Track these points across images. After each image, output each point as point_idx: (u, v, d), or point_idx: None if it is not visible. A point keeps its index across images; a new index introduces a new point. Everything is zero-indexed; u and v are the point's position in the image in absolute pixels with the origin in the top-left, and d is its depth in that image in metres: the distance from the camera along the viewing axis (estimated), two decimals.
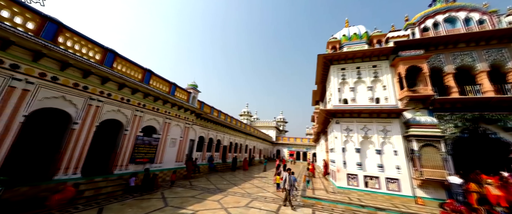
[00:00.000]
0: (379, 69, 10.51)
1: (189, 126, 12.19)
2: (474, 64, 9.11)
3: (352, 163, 9.46)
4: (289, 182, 6.93)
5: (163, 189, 8.40)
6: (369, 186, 8.87)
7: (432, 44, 9.84)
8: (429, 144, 8.17)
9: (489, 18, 9.45)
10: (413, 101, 9.19)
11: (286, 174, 7.16)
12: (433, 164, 7.92)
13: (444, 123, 8.66)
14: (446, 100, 8.68)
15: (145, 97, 8.95)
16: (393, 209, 6.96)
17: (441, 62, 9.58)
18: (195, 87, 12.33)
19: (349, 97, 10.67)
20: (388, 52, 10.31)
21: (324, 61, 11.90)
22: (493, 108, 8.22)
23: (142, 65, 8.68)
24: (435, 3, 11.18)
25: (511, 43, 8.86)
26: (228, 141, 19.23)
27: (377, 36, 10.95)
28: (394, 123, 9.30)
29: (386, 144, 9.19)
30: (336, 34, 13.08)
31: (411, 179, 8.37)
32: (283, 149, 40.34)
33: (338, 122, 10.36)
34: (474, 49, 9.28)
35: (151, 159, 9.30)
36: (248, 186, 10.24)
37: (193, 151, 13.60)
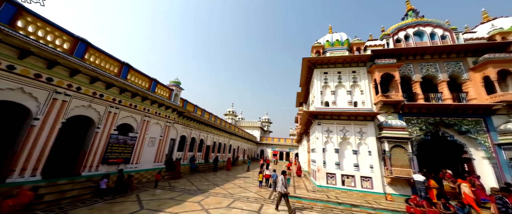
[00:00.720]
0: (357, 75, 11.22)
1: (170, 124, 11.66)
2: (436, 75, 10.24)
3: (331, 162, 9.94)
4: (285, 185, 6.44)
5: (139, 191, 7.89)
6: (346, 184, 9.40)
7: (403, 54, 10.82)
8: (398, 145, 8.95)
9: (450, 34, 10.71)
10: (386, 106, 9.99)
11: (281, 177, 6.59)
12: (401, 163, 8.69)
13: (411, 126, 9.57)
14: (413, 105, 9.61)
15: (122, 93, 8.33)
16: (366, 205, 7.48)
17: (410, 71, 10.59)
18: (177, 84, 11.83)
19: (330, 100, 11.20)
20: (366, 60, 11.06)
21: (308, 65, 12.33)
22: (451, 113, 9.33)
23: (119, 58, 8.05)
24: (407, 17, 12.32)
25: (466, 57, 10.15)
26: (212, 140, 18.83)
27: (357, 44, 11.69)
28: (369, 125, 10.01)
29: (362, 145, 9.84)
30: (320, 39, 13.65)
31: (382, 177, 9.08)
32: (267, 149, 40.83)
33: (319, 123, 10.80)
34: (437, 61, 10.44)
35: (126, 159, 8.67)
36: (231, 186, 10.13)
37: (174, 151, 13.03)
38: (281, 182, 6.45)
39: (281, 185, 6.38)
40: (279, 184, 6.44)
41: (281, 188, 6.34)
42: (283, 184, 6.38)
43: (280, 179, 6.57)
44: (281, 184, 6.38)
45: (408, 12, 12.40)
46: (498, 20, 10.95)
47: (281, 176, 6.67)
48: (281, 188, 6.33)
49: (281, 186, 6.37)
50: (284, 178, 6.59)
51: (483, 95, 9.17)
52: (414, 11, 12.22)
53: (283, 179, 6.57)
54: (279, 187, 6.42)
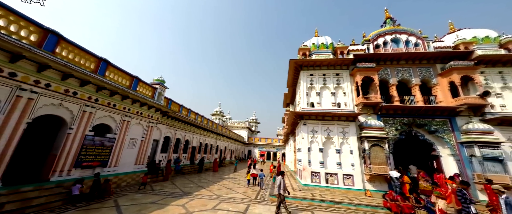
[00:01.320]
0: (341, 77, 11.75)
1: (153, 125, 11.14)
2: (410, 79, 11.12)
3: (316, 161, 10.28)
4: (283, 187, 6.15)
5: (117, 196, 7.42)
6: (329, 182, 9.78)
7: (382, 59, 11.58)
8: (377, 144, 9.55)
9: (422, 42, 11.70)
10: (366, 107, 10.60)
11: (280, 178, 6.29)
12: (379, 161, 9.28)
13: (388, 126, 10.26)
14: (390, 107, 10.32)
15: (99, 90, 7.76)
16: (348, 201, 7.85)
17: (388, 75, 11.37)
18: (161, 82, 11.35)
19: (315, 101, 11.58)
20: (348, 63, 11.63)
21: (295, 66, 12.62)
22: (422, 115, 10.18)
23: (95, 54, 7.50)
24: (385, 25, 13.20)
25: (435, 64, 11.17)
26: (198, 141, 18.38)
27: (340, 48, 12.25)
28: (351, 126, 10.54)
29: (344, 144, 10.32)
30: (307, 42, 14.05)
31: (362, 175, 9.61)
32: (254, 149, 40.92)
33: (305, 124, 11.10)
34: (411, 67, 11.33)
35: (103, 162, 8.10)
36: (217, 188, 9.98)
37: (157, 153, 12.47)
38: (280, 183, 6.13)
39: (280, 187, 6.08)
40: (279, 186, 6.11)
41: (280, 190, 6.06)
42: (282, 186, 6.11)
43: (279, 181, 6.21)
44: (280, 186, 6.10)
45: (387, 20, 13.30)
46: (462, 32, 12.22)
47: (280, 178, 6.28)
48: (280, 190, 6.02)
49: (278, 188, 6.07)
50: (282, 180, 6.20)
51: (449, 99, 10.16)
52: (391, 19, 13.14)
53: (282, 181, 6.18)
54: (277, 189, 6.11)
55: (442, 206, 5.50)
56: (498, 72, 10.42)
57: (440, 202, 5.62)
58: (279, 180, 6.29)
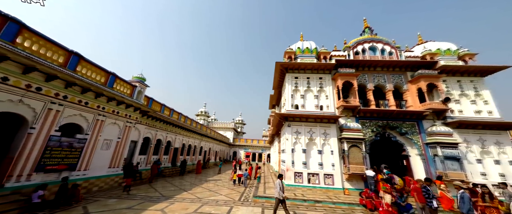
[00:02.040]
0: (323, 81, 12.28)
1: (131, 125, 10.47)
2: (385, 84, 12.04)
3: (299, 162, 10.56)
4: (283, 189, 5.97)
5: (88, 202, 6.81)
6: (311, 182, 10.11)
7: (360, 65, 12.37)
8: (355, 145, 10.13)
9: (395, 51, 12.76)
10: (346, 110, 11.21)
11: (278, 181, 6.13)
12: (356, 161, 9.85)
13: (365, 128, 10.96)
14: (367, 110, 11.04)
15: (69, 87, 7.09)
16: (328, 200, 8.18)
17: (365, 80, 12.17)
18: (142, 80, 10.75)
19: (300, 104, 11.92)
20: (331, 68, 12.21)
21: (281, 69, 12.89)
22: (394, 118, 11.07)
23: (64, 46, 6.84)
24: (364, 33, 14.16)
25: (406, 72, 12.25)
26: (180, 142, 17.70)
27: (324, 53, 12.82)
28: (332, 127, 11.05)
29: (326, 145, 10.77)
30: (292, 45, 14.44)
31: (341, 174, 10.11)
32: (240, 150, 40.66)
33: (289, 125, 11.36)
34: (385, 73, 12.28)
35: (71, 165, 7.38)
36: (200, 190, 9.70)
37: (135, 154, 11.73)
38: (279, 187, 5.99)
39: (278, 190, 5.94)
40: (277, 189, 6.00)
41: (279, 194, 5.89)
42: (280, 189, 5.94)
43: (277, 184, 6.06)
44: (279, 189, 5.93)
45: (365, 29, 14.28)
46: (428, 43, 13.62)
47: (278, 181, 6.16)
48: (279, 194, 5.88)
49: (279, 191, 5.92)
50: (281, 183, 6.08)
51: (417, 104, 11.20)
52: (369, 28, 14.13)
53: (280, 183, 6.05)
54: (276, 193, 5.97)
55: (387, 200, 6.42)
56: (457, 81, 11.79)
57: (387, 196, 6.50)
58: (278, 183, 6.10)
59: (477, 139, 10.43)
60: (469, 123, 10.45)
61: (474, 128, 10.56)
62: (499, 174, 9.69)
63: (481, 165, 9.94)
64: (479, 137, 10.46)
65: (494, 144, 10.29)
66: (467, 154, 10.16)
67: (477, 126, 10.51)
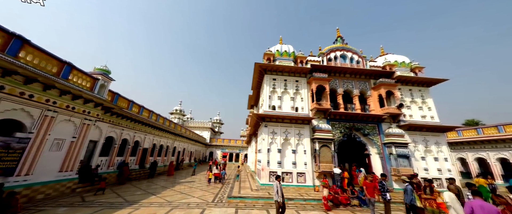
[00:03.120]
0: (299, 84, 12.88)
1: (91, 122, 9.29)
2: (352, 90, 13.26)
3: (274, 161, 10.85)
4: (282, 193, 5.61)
5: (29, 212, 5.77)
6: (285, 180, 10.48)
7: (332, 71, 13.36)
8: (325, 144, 10.88)
9: (362, 61, 14.16)
10: (319, 112, 11.97)
11: (276, 183, 5.77)
12: (326, 159, 10.60)
13: (334, 129, 11.87)
14: (337, 113, 11.98)
15: (6, 75, 5.92)
16: (299, 197, 8.58)
17: (336, 85, 13.20)
18: (106, 73, 9.63)
19: (277, 105, 12.26)
20: (306, 72, 12.89)
21: (260, 70, 13.06)
22: (359, 120, 12.27)
23: (5, 27, 5.70)
24: (337, 42, 15.34)
25: (370, 79, 13.70)
26: (151, 142, 16.42)
27: (300, 57, 13.45)
28: (306, 128, 11.66)
29: (299, 145, 11.31)
30: (272, 48, 14.78)
31: (313, 172, 10.74)
32: (216, 150, 39.71)
33: (266, 126, 11.58)
34: (353, 80, 13.53)
35: (8, 169, 6.18)
36: (170, 193, 9.15)
37: (94, 156, 10.43)
38: (276, 189, 5.64)
39: (277, 193, 5.61)
40: (277, 192, 5.63)
41: (278, 197, 5.59)
42: (280, 192, 5.62)
43: (276, 186, 5.69)
44: (276, 192, 5.63)
45: (338, 38, 15.49)
46: (388, 55, 15.48)
47: (276, 183, 5.81)
48: (278, 197, 5.59)
49: (276, 194, 5.60)
50: (279, 185, 5.74)
51: (378, 108, 12.63)
52: (341, 38, 15.38)
53: (279, 185, 5.71)
54: (275, 196, 5.65)
55: (325, 194, 7.34)
56: (409, 89, 13.69)
57: (324, 190, 7.37)
58: (276, 186, 5.74)
59: (422, 139, 12.28)
60: (417, 126, 12.24)
61: (420, 130, 12.41)
62: (437, 169, 11.60)
63: (424, 161, 11.73)
64: (424, 138, 12.34)
65: (434, 144, 12.27)
66: (415, 152, 11.87)
67: (422, 128, 12.37)
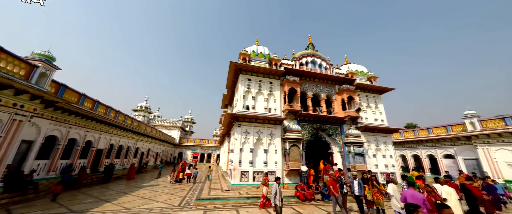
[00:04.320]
0: (273, 86, 13.31)
1: (24, 118, 7.61)
2: (320, 94, 14.40)
3: (246, 161, 10.91)
4: (281, 197, 5.33)
5: None
6: (256, 179, 10.66)
7: (303, 75, 14.24)
8: (295, 144, 11.51)
9: (329, 67, 15.52)
10: (290, 113, 12.60)
11: (275, 185, 5.48)
12: (295, 158, 11.22)
13: (303, 129, 12.68)
14: (306, 114, 12.82)
15: None
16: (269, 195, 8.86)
17: (306, 89, 14.13)
18: (48, 60, 8.01)
19: (251, 105, 12.37)
20: (280, 74, 13.40)
21: (235, 69, 12.97)
22: (325, 122, 13.41)
23: None
24: (308, 48, 16.41)
25: (335, 85, 15.12)
26: (107, 142, 14.47)
27: (275, 60, 13.91)
28: (278, 128, 12.12)
29: (271, 145, 11.67)
30: (248, 48, 14.84)
31: (282, 171, 11.23)
32: (187, 151, 37.59)
33: (239, 125, 11.56)
34: (321, 84, 14.71)
35: None
36: (129, 199, 8.24)
37: (28, 160, 8.58)
38: (275, 191, 5.37)
39: (276, 197, 5.31)
40: (275, 195, 5.34)
41: (277, 201, 5.31)
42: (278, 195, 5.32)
43: (274, 189, 5.37)
44: (275, 195, 5.32)
45: (309, 44, 16.59)
46: (351, 65, 17.38)
47: (275, 185, 5.51)
48: (277, 201, 5.30)
49: (274, 197, 5.33)
50: (278, 187, 5.43)
51: (341, 111, 14.04)
52: (312, 45, 16.53)
53: (278, 188, 5.40)
54: (273, 200, 5.35)
55: (264, 192, 7.41)
56: (365, 96, 15.66)
57: (264, 188, 7.51)
58: (274, 188, 5.45)
59: (374, 139, 14.21)
60: (371, 128, 14.09)
61: (373, 131, 14.34)
62: (384, 164, 13.58)
63: (375, 158, 13.60)
64: (375, 138, 14.29)
65: (383, 143, 14.33)
66: (368, 151, 13.64)
67: (374, 130, 14.31)
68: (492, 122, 14.79)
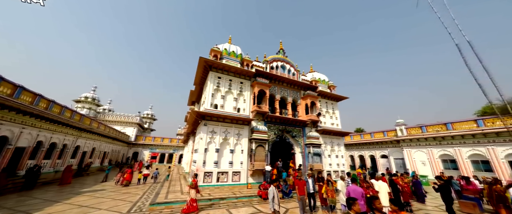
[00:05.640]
0: (243, 86, 13.34)
1: None
2: (287, 97, 15.26)
3: (211, 161, 10.55)
4: (278, 200, 5.17)
5: None
6: (220, 180, 10.43)
7: (273, 78, 14.82)
8: (261, 144, 11.81)
9: (297, 74, 16.62)
10: (258, 114, 12.87)
11: (273, 188, 5.28)
12: (260, 158, 11.51)
13: (270, 131, 13.15)
14: (273, 116, 13.35)
15: None
16: (232, 196, 8.79)
17: (275, 92, 14.74)
18: None
19: (219, 104, 12.06)
20: (251, 75, 13.55)
21: (205, 65, 12.41)
22: (290, 124, 14.27)
23: None
24: (279, 53, 17.19)
25: (301, 90, 16.30)
26: (33, 139, 11.60)
27: (247, 60, 14.00)
28: (245, 129, 12.19)
29: (238, 145, 11.65)
30: (220, 45, 14.47)
31: (247, 171, 11.35)
32: (144, 150, 33.62)
33: (206, 124, 11.10)
34: (288, 89, 15.61)
35: None
36: (60, 209, 6.81)
37: None
38: (273, 195, 5.14)
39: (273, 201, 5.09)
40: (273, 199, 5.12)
41: (275, 205, 5.09)
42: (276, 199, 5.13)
43: (272, 193, 5.12)
44: (272, 199, 5.11)
45: (280, 50, 17.40)
46: (315, 73, 19.09)
47: (272, 188, 5.22)
48: (275, 205, 5.08)
49: (271, 202, 5.12)
50: (276, 191, 5.18)
51: (304, 115, 15.21)
52: (283, 50, 17.40)
53: (275, 192, 5.16)
54: (271, 205, 5.12)
55: (192, 196, 6.66)
56: (325, 102, 17.45)
57: (192, 191, 6.73)
58: (272, 192, 5.22)
59: (330, 141, 15.95)
60: (328, 131, 15.76)
61: (329, 134, 16.08)
62: (336, 164, 15.39)
63: (330, 158, 15.26)
64: (331, 140, 16.07)
65: (336, 145, 16.23)
66: (325, 152, 15.21)
67: (331, 132, 16.08)
68: (414, 129, 18.74)
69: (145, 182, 13.41)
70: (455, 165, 15.65)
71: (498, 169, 13.34)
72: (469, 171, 14.58)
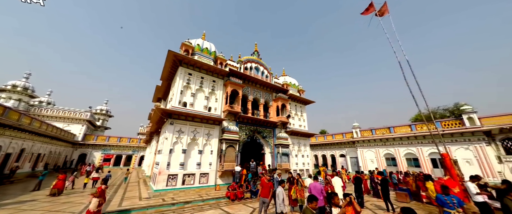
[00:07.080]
0: (216, 85, 12.96)
1: None
2: (259, 98, 15.55)
3: (176, 163, 9.85)
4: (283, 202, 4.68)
5: None
6: (186, 183, 9.83)
7: (247, 79, 14.87)
8: (231, 145, 11.67)
9: (270, 76, 17.10)
10: (230, 114, 12.70)
11: (281, 189, 4.78)
12: (230, 159, 11.36)
13: (241, 131, 13.14)
14: (245, 117, 13.39)
15: None
16: (198, 199, 8.40)
17: (248, 92, 14.83)
18: None
19: (189, 102, 11.38)
20: (225, 74, 13.27)
21: (174, 60, 11.55)
22: (261, 125, 14.56)
23: None
24: (254, 54, 17.39)
25: (273, 92, 16.84)
26: None
27: (221, 59, 13.66)
28: (216, 129, 11.85)
29: (207, 145, 11.22)
30: (192, 40, 13.71)
31: (216, 172, 11.03)
32: (94, 152, 28.93)
33: (172, 123, 10.32)
34: (261, 90, 15.93)
35: None
36: None
37: None
38: (282, 197, 4.74)
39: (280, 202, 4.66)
40: (279, 201, 4.68)
41: (284, 207, 4.67)
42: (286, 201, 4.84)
43: (282, 194, 4.72)
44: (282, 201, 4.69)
45: (255, 51, 17.63)
46: (287, 77, 20.04)
47: (280, 189, 4.80)
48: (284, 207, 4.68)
49: (282, 204, 4.69)
50: (283, 192, 4.78)
51: (275, 116, 15.77)
52: (257, 52, 17.68)
53: (283, 193, 4.76)
54: (281, 207, 4.65)
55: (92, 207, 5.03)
56: (295, 105, 18.51)
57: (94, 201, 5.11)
58: (281, 193, 4.83)
59: (297, 142, 16.97)
60: (296, 132, 16.73)
61: (297, 135, 17.11)
62: (302, 163, 16.47)
63: (297, 158, 16.23)
64: (298, 141, 17.11)
65: (303, 145, 17.37)
66: (292, 152, 16.08)
67: (298, 134, 17.12)
68: (366, 131, 21.66)
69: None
70: (395, 162, 18.80)
71: (423, 164, 16.65)
72: (404, 167, 17.73)
